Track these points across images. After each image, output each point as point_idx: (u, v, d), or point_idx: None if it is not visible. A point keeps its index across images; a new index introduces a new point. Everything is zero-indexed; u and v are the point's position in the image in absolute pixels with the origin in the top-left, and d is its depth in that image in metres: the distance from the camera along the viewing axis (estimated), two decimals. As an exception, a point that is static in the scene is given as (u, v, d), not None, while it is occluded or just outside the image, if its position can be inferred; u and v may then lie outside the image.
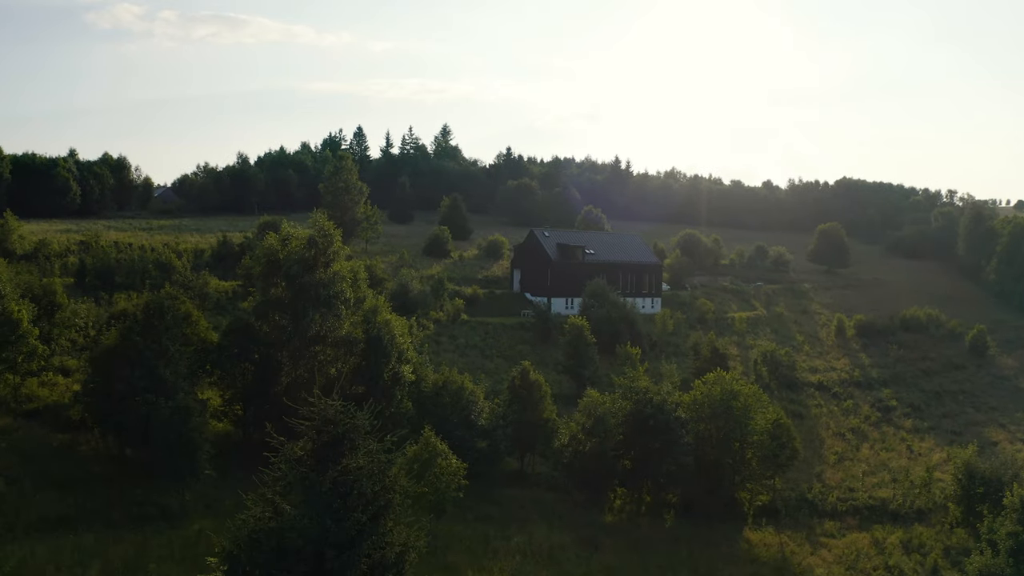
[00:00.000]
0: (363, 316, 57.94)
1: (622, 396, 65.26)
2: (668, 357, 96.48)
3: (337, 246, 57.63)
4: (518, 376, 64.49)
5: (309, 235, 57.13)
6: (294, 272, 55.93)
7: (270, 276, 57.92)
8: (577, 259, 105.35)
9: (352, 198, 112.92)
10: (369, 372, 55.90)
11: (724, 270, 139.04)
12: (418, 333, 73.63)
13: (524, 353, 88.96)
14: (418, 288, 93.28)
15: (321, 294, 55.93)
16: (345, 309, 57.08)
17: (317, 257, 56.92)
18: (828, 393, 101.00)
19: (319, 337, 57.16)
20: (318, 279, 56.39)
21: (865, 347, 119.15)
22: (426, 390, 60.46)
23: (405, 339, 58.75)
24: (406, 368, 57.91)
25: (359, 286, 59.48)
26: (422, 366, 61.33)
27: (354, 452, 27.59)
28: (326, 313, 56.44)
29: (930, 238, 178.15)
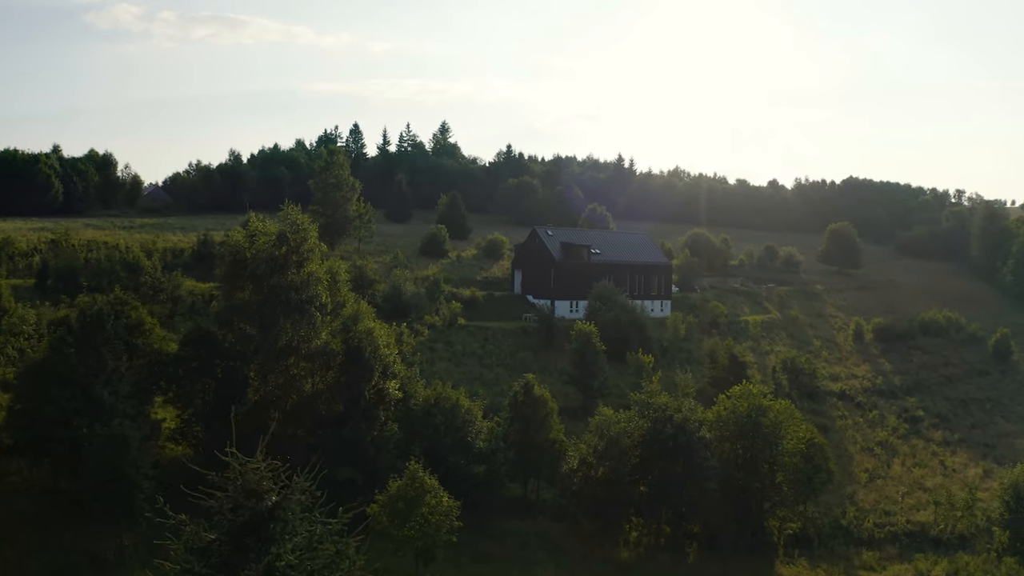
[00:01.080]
0: (342, 324, 48.79)
1: (638, 413, 56.18)
2: (680, 365, 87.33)
3: (312, 243, 48.55)
4: (520, 391, 55.38)
5: (279, 230, 48.01)
6: (261, 273, 46.87)
7: (235, 277, 48.86)
8: (582, 259, 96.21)
9: (344, 195, 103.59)
10: (348, 389, 46.76)
11: (733, 271, 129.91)
12: (410, 340, 64.53)
13: (526, 361, 79.83)
14: (412, 290, 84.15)
15: (292, 298, 46.88)
16: (321, 316, 48.01)
17: (288, 256, 47.85)
18: (851, 403, 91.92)
19: (291, 348, 48.08)
20: (289, 281, 47.33)
21: (885, 352, 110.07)
22: (416, 408, 51.32)
23: (391, 350, 49.62)
24: (392, 384, 48.78)
25: (338, 289, 50.40)
26: (411, 381, 52.17)
27: (288, 537, 18.25)
28: (299, 320, 47.38)
29: (941, 238, 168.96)
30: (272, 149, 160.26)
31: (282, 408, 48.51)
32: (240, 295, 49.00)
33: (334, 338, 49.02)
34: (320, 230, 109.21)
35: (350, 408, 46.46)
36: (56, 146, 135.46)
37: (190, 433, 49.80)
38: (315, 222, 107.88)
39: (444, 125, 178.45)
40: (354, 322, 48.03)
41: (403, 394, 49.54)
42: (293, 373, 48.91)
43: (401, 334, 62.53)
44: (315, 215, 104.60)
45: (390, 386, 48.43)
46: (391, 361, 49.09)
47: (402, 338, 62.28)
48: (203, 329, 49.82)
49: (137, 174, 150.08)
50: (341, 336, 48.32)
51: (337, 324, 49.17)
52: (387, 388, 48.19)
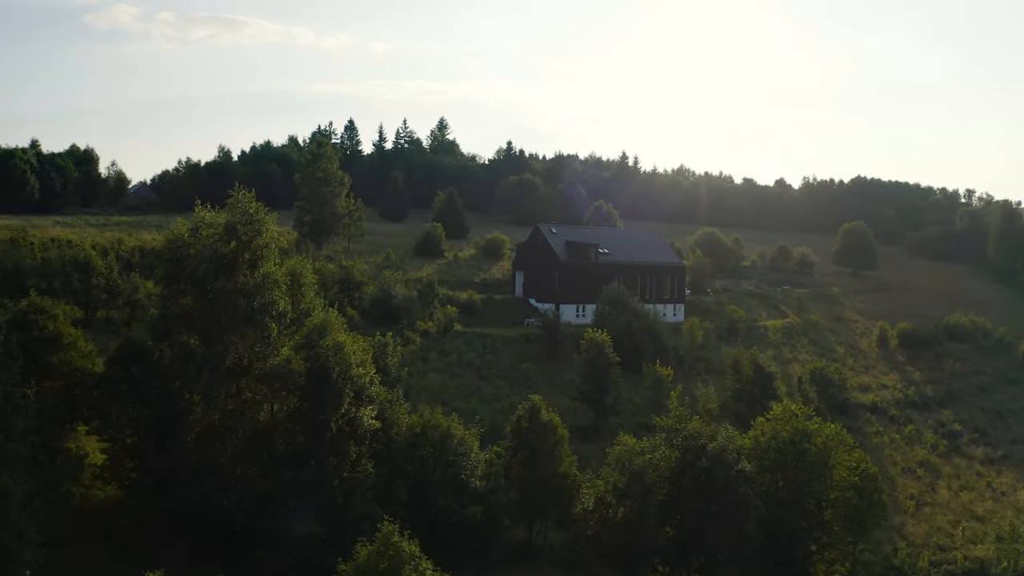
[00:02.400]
0: (305, 338, 38.34)
1: (665, 442, 45.69)
2: (699, 376, 76.94)
3: (269, 237, 38.16)
4: (525, 415, 44.87)
5: (225, 221, 37.58)
6: (201, 275, 36.42)
7: (174, 280, 38.39)
8: (589, 259, 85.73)
9: (332, 190, 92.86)
10: (311, 419, 36.33)
11: (745, 272, 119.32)
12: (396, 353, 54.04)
13: (529, 373, 69.35)
14: (403, 293, 73.66)
15: (241, 306, 36.45)
16: (277, 328, 37.52)
17: (238, 253, 37.44)
18: (884, 417, 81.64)
19: (241, 368, 37.63)
20: (238, 285, 36.92)
21: (911, 359, 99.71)
22: (398, 438, 40.90)
23: (367, 369, 39.14)
24: (367, 412, 38.34)
25: (302, 294, 39.90)
26: (393, 405, 41.67)
27: None
28: (251, 333, 36.94)
29: (955, 239, 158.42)
30: (264, 146, 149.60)
31: (232, 441, 38.07)
32: (183, 301, 38.52)
33: (297, 354, 38.56)
34: (306, 228, 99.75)
35: (313, 442, 36.04)
36: (34, 141, 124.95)
37: (120, 471, 39.32)
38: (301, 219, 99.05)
39: (442, 121, 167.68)
40: (320, 335, 37.57)
41: (381, 423, 39.05)
42: (245, 398, 38.45)
43: (386, 345, 51.99)
44: (301, 212, 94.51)
45: (364, 414, 38.00)
46: (366, 383, 38.65)
47: (386, 350, 51.72)
48: (135, 343, 39.35)
49: (121, 171, 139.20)
50: (304, 352, 37.85)
51: (300, 337, 38.70)
52: (360, 417, 37.76)
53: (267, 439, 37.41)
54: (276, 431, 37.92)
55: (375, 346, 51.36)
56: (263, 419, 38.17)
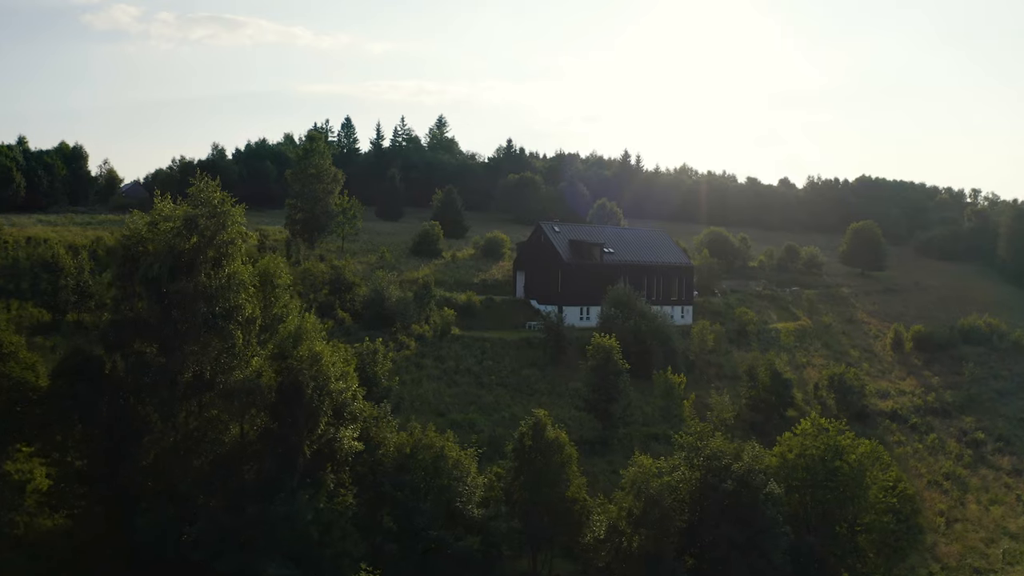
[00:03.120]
0: (277, 347, 32.91)
1: (685, 462, 40.25)
2: (710, 382, 71.53)
3: (235, 232, 32.70)
4: (528, 431, 39.41)
5: (184, 213, 32.15)
6: (155, 275, 31.01)
7: (127, 281, 32.94)
8: (594, 259, 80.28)
9: (325, 186, 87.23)
10: (282, 442, 30.91)
11: (753, 273, 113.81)
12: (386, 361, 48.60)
13: (531, 380, 63.91)
14: (397, 295, 68.23)
15: (201, 311, 31.02)
16: (244, 336, 32.07)
17: (199, 250, 32.01)
18: (905, 424, 76.16)
19: (203, 382, 32.18)
20: (198, 287, 31.48)
21: (928, 363, 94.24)
22: (385, 460, 35.47)
23: (349, 383, 33.69)
24: (348, 432, 32.91)
25: (276, 297, 34.45)
26: (379, 423, 36.23)
27: None
28: (213, 343, 31.51)
29: (963, 239, 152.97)
30: (258, 143, 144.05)
31: (194, 466, 32.64)
32: (140, 305, 33.08)
33: (268, 366, 33.12)
34: (298, 226, 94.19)
35: (283, 469, 30.59)
36: (21, 138, 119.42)
37: (68, 497, 33.89)
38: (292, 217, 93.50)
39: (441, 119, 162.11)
40: (293, 344, 32.12)
41: (365, 444, 33.61)
42: (209, 416, 33.01)
43: (375, 352, 46.59)
44: (292, 209, 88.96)
45: (345, 435, 32.58)
46: (348, 398, 33.20)
47: (375, 357, 46.30)
48: (84, 353, 33.85)
49: (113, 169, 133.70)
50: (275, 365, 32.41)
51: (272, 347, 33.25)
52: (340, 438, 32.33)
53: (233, 464, 31.96)
54: (243, 455, 32.47)
55: (362, 354, 46.10)
56: (229, 441, 32.71)
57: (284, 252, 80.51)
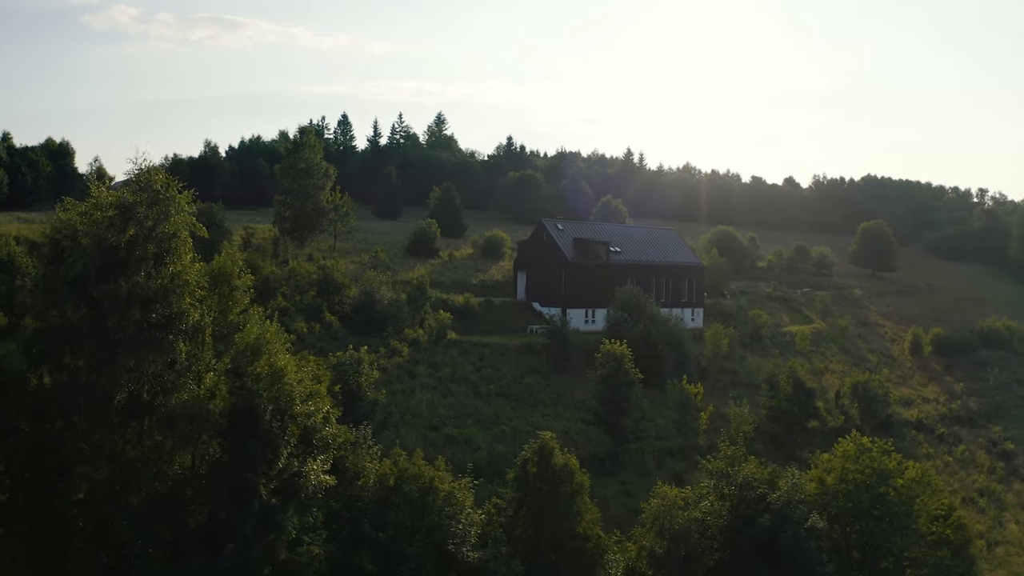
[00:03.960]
0: (231, 362, 26.81)
1: (715, 491, 34.17)
2: (723, 389, 65.46)
3: (180, 222, 26.56)
4: (532, 458, 33.30)
5: (118, 199, 26.06)
6: (79, 275, 24.95)
7: (53, 282, 26.84)
8: (600, 259, 74.20)
9: (315, 182, 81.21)
10: (232, 479, 24.83)
11: (762, 273, 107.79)
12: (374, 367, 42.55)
13: (534, 390, 57.77)
14: (389, 297, 62.16)
15: (134, 319, 24.94)
16: (189, 348, 25.99)
17: (137, 245, 25.90)
18: (931, 435, 70.05)
19: (140, 405, 26.09)
20: (136, 289, 25.42)
21: (948, 368, 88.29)
22: (364, 494, 29.36)
23: (319, 404, 27.56)
24: (316, 464, 26.79)
25: (234, 301, 28.31)
26: (358, 449, 30.09)
27: None
28: (151, 358, 25.43)
29: (973, 239, 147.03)
30: (252, 141, 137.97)
31: (131, 504, 26.56)
32: (72, 312, 26.95)
33: (221, 383, 27.01)
34: (287, 224, 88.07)
35: (235, 512, 24.49)
36: (6, 134, 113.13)
37: (-16, 540, 27.75)
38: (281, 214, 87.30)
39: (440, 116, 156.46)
40: (249, 359, 26.02)
41: (338, 478, 27.47)
42: (151, 444, 26.89)
43: (359, 362, 40.51)
44: (281, 206, 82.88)
45: (312, 468, 26.45)
46: (317, 423, 27.07)
47: (360, 368, 40.23)
48: (4, 367, 27.69)
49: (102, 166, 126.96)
50: (228, 383, 26.32)
51: (226, 362, 27.14)
52: (306, 472, 26.20)
53: (177, 504, 25.87)
54: (193, 493, 26.36)
55: (344, 364, 40.04)
56: (173, 475, 26.62)
57: (271, 251, 74.45)
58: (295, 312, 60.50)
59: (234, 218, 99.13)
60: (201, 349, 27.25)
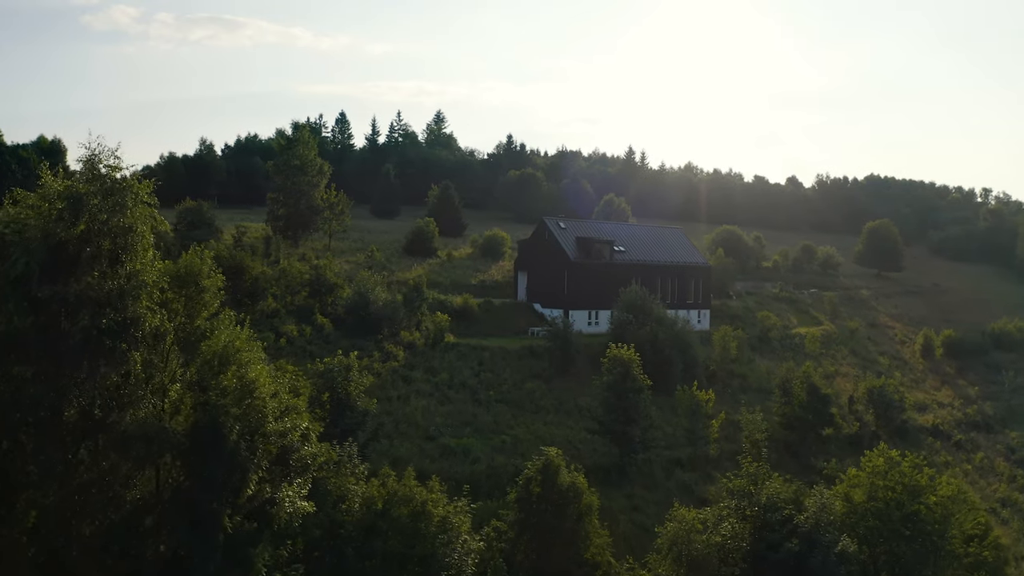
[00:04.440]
0: (196, 374, 23.45)
1: (736, 513, 30.81)
2: (733, 394, 62.13)
3: (138, 215, 23.22)
4: (536, 476, 29.96)
5: (66, 188, 22.74)
6: (20, 274, 21.60)
7: None
8: (603, 258, 70.90)
9: (310, 179, 77.91)
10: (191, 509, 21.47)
11: (767, 274, 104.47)
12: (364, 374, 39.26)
13: (536, 396, 54.39)
14: (384, 298, 58.81)
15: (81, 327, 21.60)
16: (142, 357, 22.64)
17: (87, 241, 22.57)
18: (948, 442, 66.74)
19: (93, 421, 22.75)
20: (87, 290, 22.09)
21: (961, 371, 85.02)
22: (348, 519, 26.03)
23: (294, 420, 24.19)
24: (292, 489, 23.42)
25: (203, 305, 24.95)
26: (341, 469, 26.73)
27: None
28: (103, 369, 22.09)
29: (979, 239, 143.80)
30: (248, 139, 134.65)
31: (84, 534, 23.24)
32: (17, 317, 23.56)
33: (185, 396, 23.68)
34: (280, 223, 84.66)
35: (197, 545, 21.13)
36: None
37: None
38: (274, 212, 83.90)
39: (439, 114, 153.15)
40: (215, 370, 22.68)
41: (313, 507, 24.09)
42: (106, 466, 23.53)
43: (348, 368, 37.19)
44: (274, 204, 79.54)
45: (287, 494, 23.09)
46: (294, 442, 23.70)
47: (350, 375, 36.92)
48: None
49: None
50: (191, 398, 22.97)
51: (192, 374, 23.78)
52: (280, 499, 22.85)
53: (134, 534, 22.52)
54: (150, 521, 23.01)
55: (332, 371, 36.73)
56: (132, 501, 23.28)
57: (263, 250, 71.14)
58: (286, 314, 57.22)
59: (228, 217, 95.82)
60: (164, 358, 23.94)
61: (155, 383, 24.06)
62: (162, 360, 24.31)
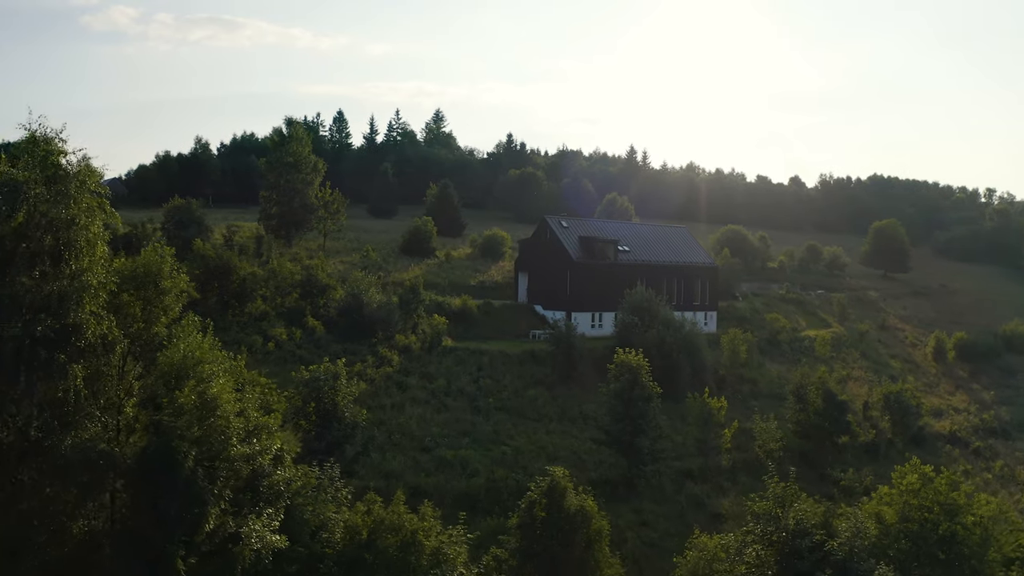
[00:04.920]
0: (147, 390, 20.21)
1: (760, 538, 27.60)
2: (743, 401, 58.93)
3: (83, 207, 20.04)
4: (540, 500, 26.75)
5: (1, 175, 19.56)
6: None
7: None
8: (607, 258, 67.71)
9: (303, 177, 74.79)
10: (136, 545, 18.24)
11: (773, 274, 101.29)
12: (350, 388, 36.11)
13: (538, 403, 51.13)
14: (379, 300, 55.61)
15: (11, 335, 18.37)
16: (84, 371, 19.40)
17: (24, 236, 19.38)
18: (967, 449, 63.48)
19: (30, 444, 19.53)
20: (23, 292, 18.89)
21: (974, 374, 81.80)
22: (329, 552, 22.81)
23: (264, 443, 20.96)
24: (259, 522, 20.20)
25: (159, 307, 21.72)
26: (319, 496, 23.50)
27: None
28: (39, 385, 18.87)
29: (985, 239, 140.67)
30: (245, 137, 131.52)
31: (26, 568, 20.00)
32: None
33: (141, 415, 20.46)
34: (273, 222, 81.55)
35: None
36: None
37: None
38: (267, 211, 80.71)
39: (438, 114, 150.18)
40: (171, 384, 19.46)
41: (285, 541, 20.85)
42: (49, 494, 20.30)
43: (336, 377, 34.01)
44: (267, 203, 76.42)
45: (254, 527, 19.85)
46: (264, 466, 20.48)
47: (337, 384, 33.73)
48: None
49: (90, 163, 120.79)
50: (144, 417, 19.76)
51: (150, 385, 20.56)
52: (246, 533, 19.62)
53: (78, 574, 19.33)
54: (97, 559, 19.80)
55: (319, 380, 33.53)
56: (79, 534, 20.09)
57: (254, 250, 67.96)
58: (275, 316, 54.03)
59: (222, 216, 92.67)
60: (119, 371, 20.73)
61: (107, 399, 20.88)
62: (115, 372, 21.12)
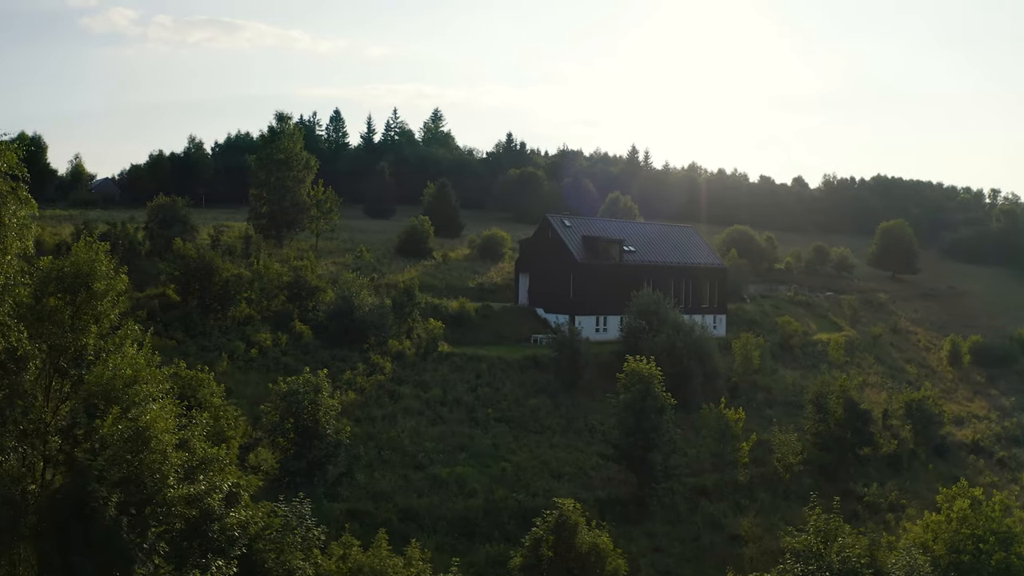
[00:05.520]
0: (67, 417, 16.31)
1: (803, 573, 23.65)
2: (758, 409, 55.03)
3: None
4: (548, 537, 22.84)
5: None
6: None
7: None
8: (612, 259, 63.84)
9: (295, 175, 70.96)
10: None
11: (780, 276, 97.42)
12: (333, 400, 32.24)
13: (540, 413, 47.20)
14: (371, 303, 51.71)
15: None
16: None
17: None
18: (991, 459, 59.49)
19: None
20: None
21: (992, 380, 77.87)
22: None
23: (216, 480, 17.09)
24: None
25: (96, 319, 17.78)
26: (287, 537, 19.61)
27: None
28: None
29: (992, 240, 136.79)
30: (239, 136, 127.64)
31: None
32: None
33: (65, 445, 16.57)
34: (264, 221, 77.68)
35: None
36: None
37: None
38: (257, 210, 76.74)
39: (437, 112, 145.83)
40: (94, 411, 15.57)
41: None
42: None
43: (317, 390, 30.12)
44: (257, 201, 72.57)
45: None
46: (212, 508, 16.59)
47: (319, 398, 29.84)
48: None
49: (81, 164, 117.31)
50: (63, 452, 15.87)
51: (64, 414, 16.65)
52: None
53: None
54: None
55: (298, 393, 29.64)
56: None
57: (242, 251, 64.10)
58: (260, 321, 50.15)
59: (213, 216, 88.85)
60: (45, 392, 16.87)
61: (28, 424, 17.02)
62: (41, 392, 17.26)
